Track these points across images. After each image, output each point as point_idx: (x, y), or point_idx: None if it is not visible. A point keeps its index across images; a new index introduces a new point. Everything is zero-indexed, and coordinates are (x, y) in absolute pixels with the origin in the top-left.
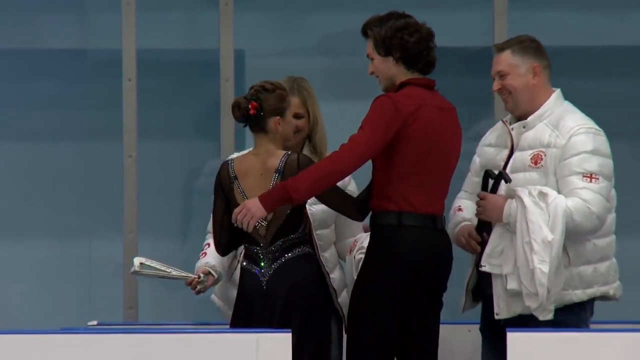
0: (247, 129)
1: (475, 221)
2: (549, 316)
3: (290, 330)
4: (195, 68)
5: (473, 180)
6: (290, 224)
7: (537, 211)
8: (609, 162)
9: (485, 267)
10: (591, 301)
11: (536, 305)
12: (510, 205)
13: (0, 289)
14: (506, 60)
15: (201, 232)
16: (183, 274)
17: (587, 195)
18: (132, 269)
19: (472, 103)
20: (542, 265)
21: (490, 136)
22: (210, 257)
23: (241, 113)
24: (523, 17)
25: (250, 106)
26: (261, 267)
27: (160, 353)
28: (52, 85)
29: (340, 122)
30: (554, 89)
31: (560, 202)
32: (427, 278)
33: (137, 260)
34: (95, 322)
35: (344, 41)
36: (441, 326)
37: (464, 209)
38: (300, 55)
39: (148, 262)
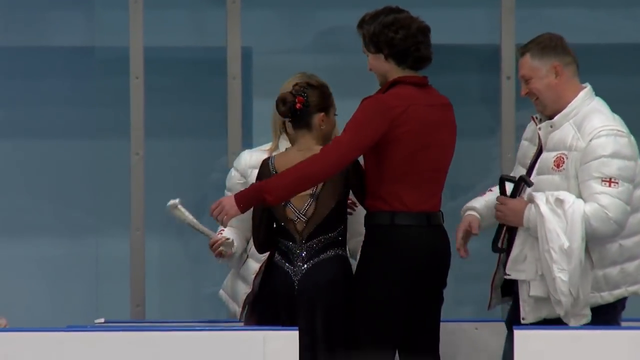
0: (255, 127)
1: (486, 211)
2: (584, 321)
3: (297, 327)
4: (202, 66)
5: (516, 169)
6: (330, 223)
7: (555, 219)
8: (631, 164)
9: (510, 275)
10: (619, 302)
11: (563, 312)
12: (530, 210)
13: (8, 286)
14: (527, 64)
15: (209, 229)
16: (211, 232)
17: (604, 201)
18: (171, 203)
19: (479, 101)
20: (561, 274)
21: (527, 130)
22: (228, 233)
23: (287, 108)
24: (531, 15)
25: (297, 100)
26: (293, 265)
27: (167, 351)
28: (59, 82)
29: (348, 119)
30: (583, 85)
31: (577, 208)
32: (424, 276)
33: (176, 201)
34: (102, 320)
35: (351, 38)
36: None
37: (488, 193)
38: (308, 53)
39: (183, 209)
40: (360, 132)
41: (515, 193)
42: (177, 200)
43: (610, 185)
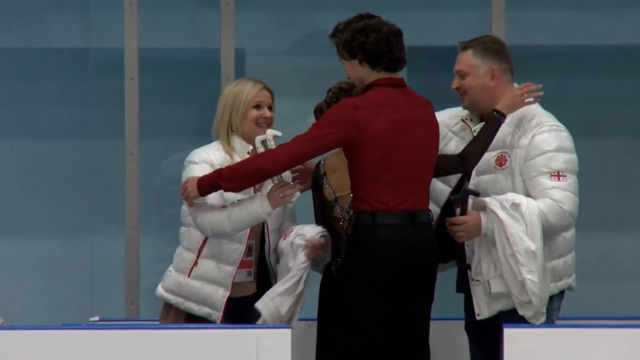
0: None
1: None
2: (543, 319)
3: (290, 327)
4: (196, 67)
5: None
6: None
7: (515, 223)
8: (574, 157)
9: (479, 281)
10: (560, 294)
11: (532, 313)
12: (487, 218)
13: (3, 285)
14: (467, 60)
15: None
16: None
17: (557, 195)
18: (263, 138)
19: None
20: (531, 275)
21: (453, 131)
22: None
23: None
24: (520, 17)
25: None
26: (337, 263)
27: (161, 349)
28: (55, 83)
29: None
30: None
31: (533, 209)
32: (407, 274)
33: (270, 133)
34: (96, 318)
35: None
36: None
37: None
38: (301, 54)
39: (273, 142)
40: (317, 135)
41: (465, 209)
42: (269, 134)
43: (559, 179)
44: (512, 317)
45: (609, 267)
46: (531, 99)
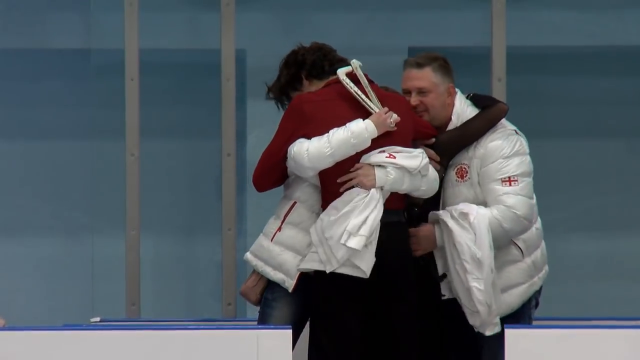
0: (248, 128)
1: None
2: (496, 329)
3: (290, 326)
4: (197, 68)
5: None
6: None
7: (463, 232)
8: (526, 160)
9: (446, 295)
10: (536, 293)
11: (479, 322)
12: (441, 231)
13: (5, 285)
14: (428, 78)
15: (203, 229)
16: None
17: (509, 201)
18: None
19: None
20: (476, 282)
21: None
22: None
23: None
24: (521, 17)
25: None
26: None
27: (162, 349)
28: (56, 84)
29: None
30: (455, 90)
31: (482, 218)
32: (377, 277)
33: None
34: (97, 319)
35: (345, 41)
36: None
37: None
38: None
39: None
40: (276, 137)
41: (411, 221)
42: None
43: (511, 185)
44: (511, 322)
45: (609, 267)
46: None
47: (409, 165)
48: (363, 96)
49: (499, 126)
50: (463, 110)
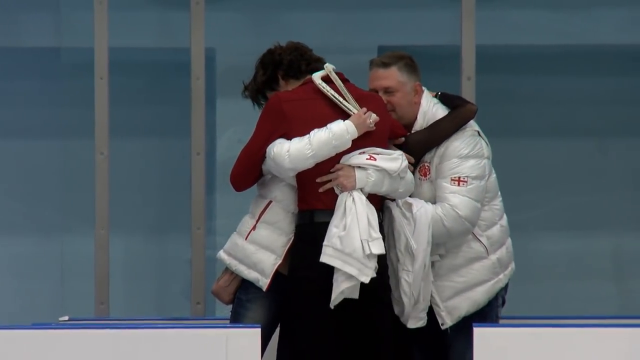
0: (218, 127)
1: None
2: (420, 323)
3: (259, 325)
4: (166, 66)
5: None
6: None
7: (404, 221)
8: (482, 163)
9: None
10: (502, 290)
11: (399, 312)
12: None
13: None
14: (395, 77)
15: (172, 228)
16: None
17: (454, 200)
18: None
19: None
20: (406, 274)
21: None
22: None
23: None
24: (491, 17)
25: None
26: None
27: (131, 348)
28: (26, 83)
29: None
30: (422, 88)
31: (425, 212)
32: None
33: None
34: (66, 318)
35: (315, 40)
36: None
37: None
38: None
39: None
40: (254, 136)
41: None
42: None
43: (459, 184)
44: (477, 320)
45: (580, 266)
46: None
47: (389, 168)
48: (340, 98)
49: (465, 125)
50: (429, 109)
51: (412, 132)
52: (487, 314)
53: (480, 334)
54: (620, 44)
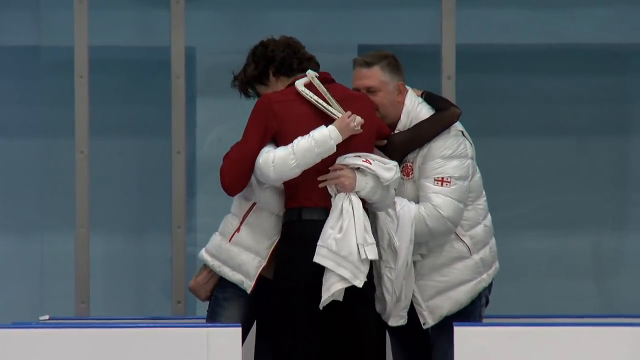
0: (198, 126)
1: None
2: (401, 322)
3: (239, 324)
4: (146, 65)
5: None
6: None
7: (386, 219)
8: (465, 162)
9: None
10: (489, 288)
11: (383, 310)
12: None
13: None
14: (377, 76)
15: (152, 227)
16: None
17: (437, 200)
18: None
19: None
20: (388, 272)
21: None
22: None
23: None
24: (471, 15)
25: None
26: None
27: (111, 347)
28: (5, 82)
29: None
30: (406, 87)
31: (408, 211)
32: None
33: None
34: (47, 317)
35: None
36: None
37: None
38: None
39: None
40: (246, 135)
41: None
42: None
43: (442, 185)
44: (460, 320)
45: (560, 265)
46: None
47: (382, 175)
48: (324, 103)
49: None
50: (414, 108)
51: (395, 132)
52: (470, 313)
53: (461, 333)
54: (600, 43)
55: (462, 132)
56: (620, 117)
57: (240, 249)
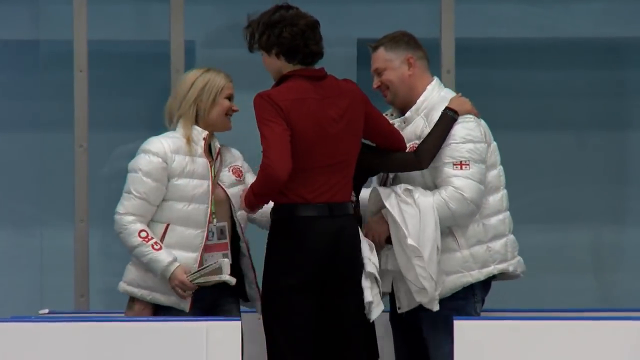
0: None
1: None
2: (437, 307)
3: (239, 318)
4: (146, 59)
5: None
6: None
7: (408, 208)
8: (480, 146)
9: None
10: (484, 286)
11: (427, 299)
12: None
13: None
14: (381, 56)
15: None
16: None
17: (458, 183)
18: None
19: None
20: (418, 260)
21: None
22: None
23: None
24: (470, 9)
25: None
26: None
27: (111, 341)
28: (4, 76)
29: None
30: (433, 77)
31: (425, 197)
32: (330, 267)
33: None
34: (46, 311)
35: None
36: None
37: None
38: None
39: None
40: (274, 127)
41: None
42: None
43: (461, 168)
44: (431, 311)
45: (559, 259)
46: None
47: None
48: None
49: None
50: (432, 97)
51: (407, 114)
52: (462, 307)
53: (460, 327)
54: (597, 37)
55: (466, 115)
56: (618, 110)
57: None
